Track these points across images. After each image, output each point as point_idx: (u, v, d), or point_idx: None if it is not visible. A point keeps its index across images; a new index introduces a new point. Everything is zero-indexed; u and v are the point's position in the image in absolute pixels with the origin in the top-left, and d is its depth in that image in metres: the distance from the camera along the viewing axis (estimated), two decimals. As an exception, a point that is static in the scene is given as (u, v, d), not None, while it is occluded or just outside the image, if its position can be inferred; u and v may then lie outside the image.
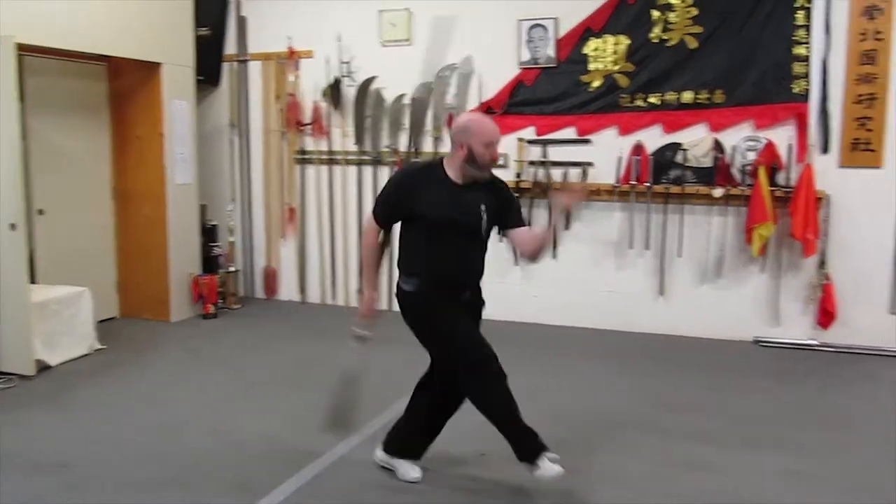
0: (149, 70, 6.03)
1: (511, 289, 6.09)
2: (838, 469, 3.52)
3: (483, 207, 3.07)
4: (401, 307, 3.20)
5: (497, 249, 6.10)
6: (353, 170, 6.64)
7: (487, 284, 3.22)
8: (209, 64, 6.78)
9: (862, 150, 5.33)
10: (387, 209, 3.19)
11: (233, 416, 4.14)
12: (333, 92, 6.52)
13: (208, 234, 6.71)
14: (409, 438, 3.36)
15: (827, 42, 5.33)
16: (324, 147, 6.70)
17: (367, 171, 6.58)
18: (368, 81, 6.42)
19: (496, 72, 6.06)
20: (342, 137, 6.62)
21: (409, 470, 3.34)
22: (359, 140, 6.54)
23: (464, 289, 3.17)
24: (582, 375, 4.87)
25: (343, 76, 6.48)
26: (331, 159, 6.69)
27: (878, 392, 4.68)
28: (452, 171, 3.10)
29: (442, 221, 3.05)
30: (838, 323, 5.42)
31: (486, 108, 6.05)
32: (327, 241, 6.81)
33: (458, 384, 3.13)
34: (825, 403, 4.46)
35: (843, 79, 5.34)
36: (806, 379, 4.89)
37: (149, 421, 4.04)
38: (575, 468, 3.37)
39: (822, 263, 5.44)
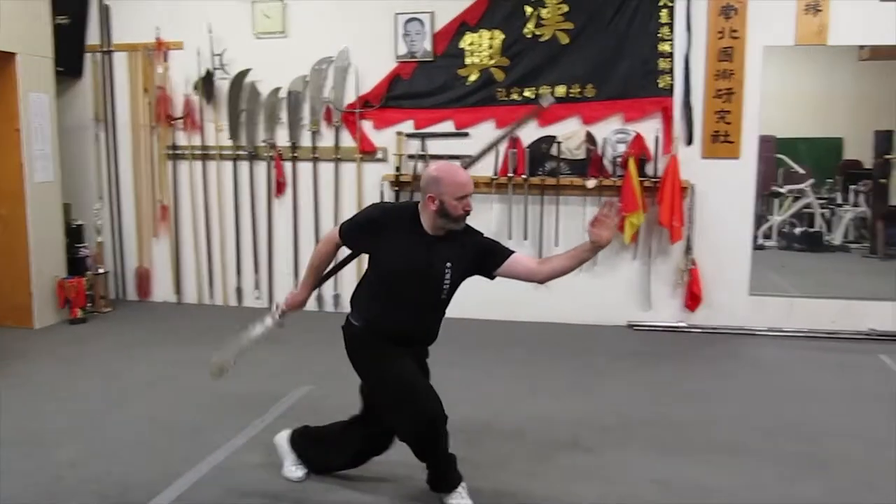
0: (2, 61, 5.65)
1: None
2: (703, 440, 3.76)
3: (449, 265, 2.92)
4: (345, 337, 3.06)
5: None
6: (228, 165, 6.45)
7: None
8: (69, 54, 6.41)
9: (722, 142, 5.66)
10: (351, 235, 3.03)
11: (106, 424, 3.95)
12: (205, 85, 6.31)
13: (73, 234, 6.35)
14: (327, 457, 3.25)
15: (688, 39, 5.62)
16: (197, 142, 6.48)
17: (244, 166, 6.42)
18: (242, 74, 6.25)
19: (373, 65, 6.04)
20: (216, 132, 6.42)
21: (295, 469, 3.29)
22: (234, 135, 6.37)
23: (412, 346, 3.05)
24: (462, 366, 4.93)
25: (215, 69, 6.28)
26: (205, 154, 6.48)
27: (738, 369, 5.00)
28: (424, 221, 2.93)
29: (400, 272, 2.91)
30: (704, 305, 5.74)
31: (364, 102, 6.03)
32: (203, 240, 6.59)
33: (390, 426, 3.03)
34: (692, 381, 4.72)
35: (704, 74, 5.65)
36: (675, 359, 5.15)
37: (16, 434, 3.79)
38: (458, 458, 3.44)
39: (688, 249, 5.73)
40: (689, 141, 5.70)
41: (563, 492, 3.21)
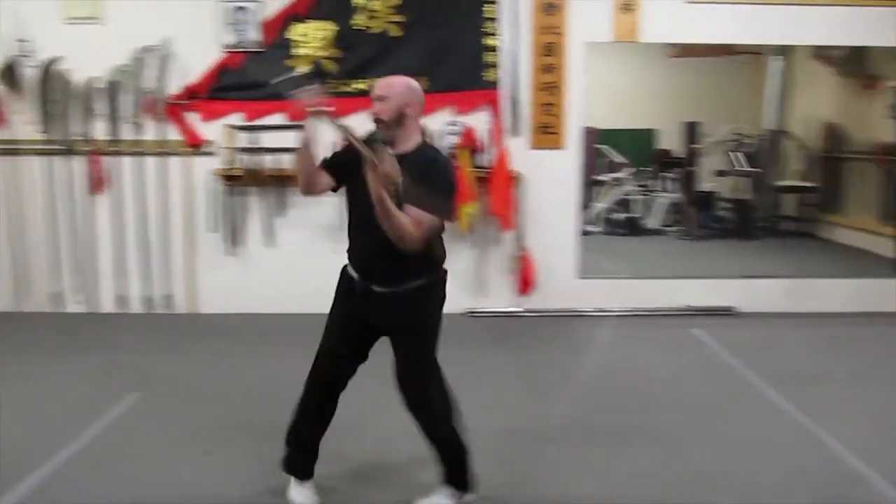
0: None
1: (227, 280, 5.93)
2: (536, 412, 3.97)
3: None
4: None
5: (211, 240, 5.92)
6: (41, 161, 5.97)
7: (202, 278, 3.09)
8: None
9: (547, 134, 5.91)
10: None
11: None
12: (9, 73, 5.81)
13: None
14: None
15: (514, 34, 5.81)
16: (4, 136, 5.96)
17: (59, 162, 5.97)
18: (52, 62, 5.81)
19: (199, 55, 5.79)
20: (25, 125, 5.94)
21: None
22: (45, 128, 5.91)
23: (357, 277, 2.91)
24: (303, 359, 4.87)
25: (20, 56, 5.80)
26: (13, 149, 5.97)
27: (568, 349, 5.26)
28: None
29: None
30: (536, 290, 5.99)
31: (190, 93, 5.79)
32: (18, 240, 6.07)
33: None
34: (525, 362, 4.92)
35: (529, 68, 5.87)
36: (511, 343, 5.35)
37: None
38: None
39: (519, 237, 5.95)
40: (517, 133, 5.91)
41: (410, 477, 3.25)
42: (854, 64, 8.89)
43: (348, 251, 2.98)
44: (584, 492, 3.20)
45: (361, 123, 5.86)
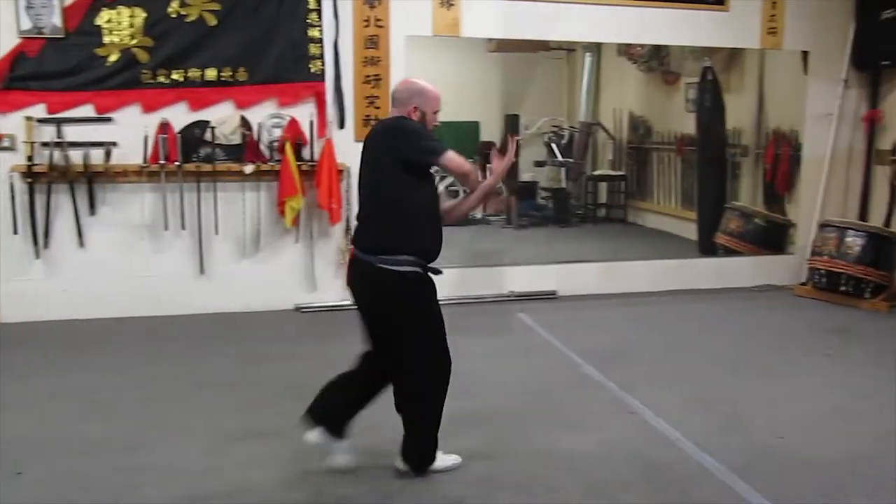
0: None
1: (33, 286, 5.49)
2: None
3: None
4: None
5: (12, 243, 5.44)
6: None
7: (3, 284, 2.84)
8: None
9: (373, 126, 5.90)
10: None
11: None
12: None
13: None
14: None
15: (336, 26, 5.77)
16: None
17: None
18: None
19: (-9, 41, 5.32)
20: None
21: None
22: None
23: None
24: (121, 367, 4.62)
25: None
26: None
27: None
28: None
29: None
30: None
31: (-18, 83, 5.30)
32: None
33: None
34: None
35: (353, 61, 5.85)
36: (339, 336, 5.31)
37: None
38: (125, 464, 3.23)
39: (347, 230, 5.93)
40: (342, 125, 5.87)
41: (241, 478, 3.17)
42: (655, 61, 9.59)
43: (423, 242, 3.07)
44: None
45: (176, 116, 5.67)
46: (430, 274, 3.12)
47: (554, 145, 10.32)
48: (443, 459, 3.25)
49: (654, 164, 9.99)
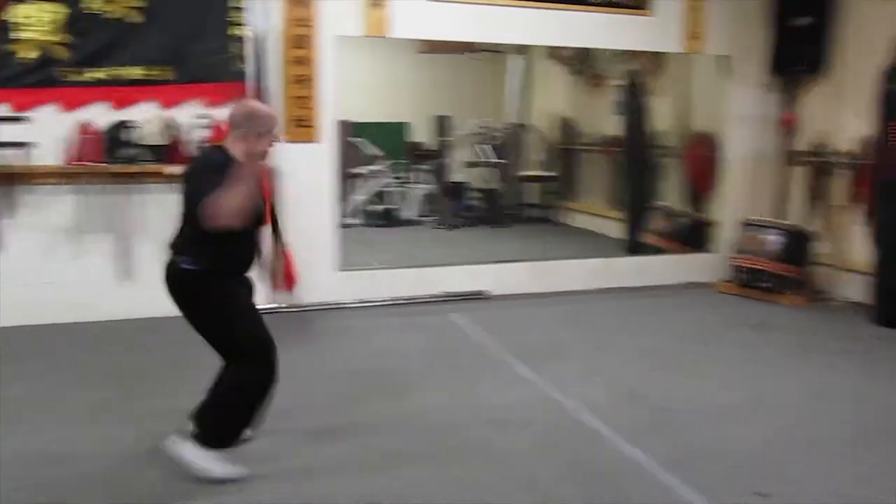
0: None
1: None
2: (298, 406, 3.92)
3: None
4: None
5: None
6: None
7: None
8: None
9: (301, 127, 5.87)
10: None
11: None
12: None
13: None
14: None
15: (264, 25, 5.69)
16: None
17: None
18: None
19: None
20: None
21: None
22: None
23: None
24: (42, 379, 4.47)
25: None
26: None
27: (329, 340, 5.29)
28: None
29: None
30: (299, 285, 5.91)
31: None
32: None
33: None
34: (287, 358, 4.85)
35: (280, 61, 5.78)
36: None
37: None
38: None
39: (274, 230, 5.84)
40: (271, 125, 5.80)
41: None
42: (583, 64, 9.77)
43: (229, 257, 3.21)
44: (350, 482, 3.23)
45: (98, 115, 5.52)
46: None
47: (484, 146, 10.41)
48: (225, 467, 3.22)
49: (582, 165, 10.18)
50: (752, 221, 6.87)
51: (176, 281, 3.18)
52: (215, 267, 3.15)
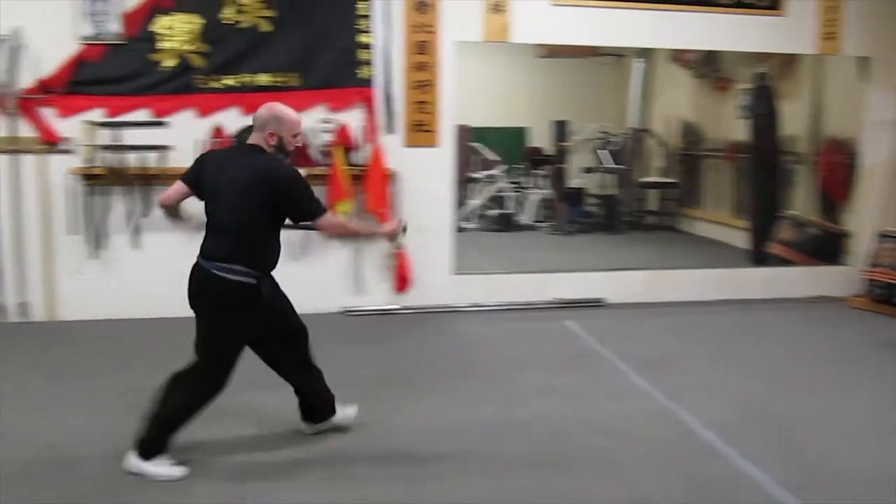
0: None
1: (89, 285, 5.64)
2: (414, 408, 3.97)
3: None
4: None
5: (71, 243, 5.60)
6: None
7: (62, 283, 2.93)
8: None
9: (421, 132, 5.95)
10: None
11: None
12: None
13: None
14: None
15: (387, 32, 5.82)
16: None
17: None
18: None
19: (54, 47, 5.46)
20: None
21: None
22: None
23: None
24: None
25: None
26: None
27: (445, 344, 5.33)
28: None
29: None
30: (413, 287, 6.02)
31: (45, 87, 5.46)
32: None
33: None
34: (402, 359, 4.94)
35: (403, 66, 5.89)
36: (390, 340, 5.36)
37: None
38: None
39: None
40: (392, 130, 5.92)
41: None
42: (707, 67, 9.46)
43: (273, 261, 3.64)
44: (473, 483, 3.24)
45: (230, 120, 5.78)
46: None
47: (603, 152, 10.24)
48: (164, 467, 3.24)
49: (705, 172, 9.85)
50: (888, 233, 6.46)
51: (219, 290, 3.32)
52: (263, 271, 3.47)
